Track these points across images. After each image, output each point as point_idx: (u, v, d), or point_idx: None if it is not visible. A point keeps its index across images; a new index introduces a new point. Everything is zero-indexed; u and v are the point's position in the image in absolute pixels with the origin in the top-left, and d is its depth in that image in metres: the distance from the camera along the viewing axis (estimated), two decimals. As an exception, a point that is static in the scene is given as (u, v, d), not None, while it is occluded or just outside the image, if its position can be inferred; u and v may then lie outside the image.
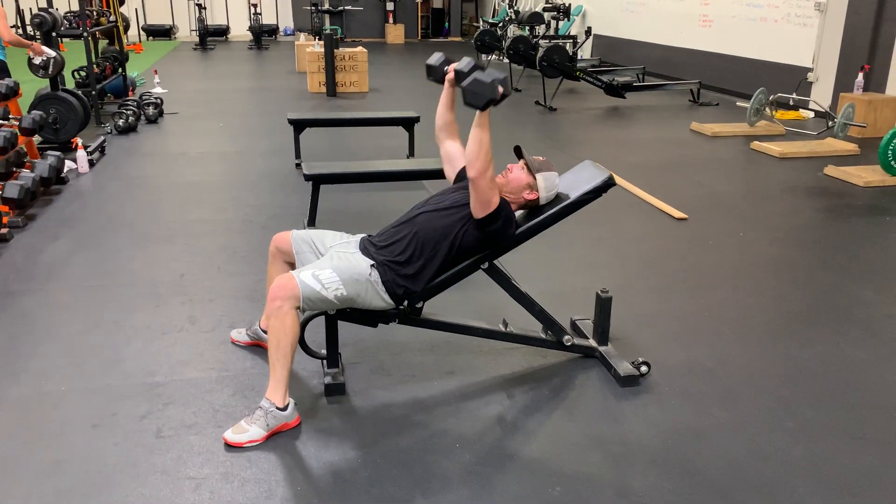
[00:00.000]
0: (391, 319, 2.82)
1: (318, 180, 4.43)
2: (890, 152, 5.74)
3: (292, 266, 2.97)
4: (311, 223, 4.54)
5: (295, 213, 4.95)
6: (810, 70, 8.65)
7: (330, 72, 9.87)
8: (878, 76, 7.75)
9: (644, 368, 2.92)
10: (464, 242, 2.72)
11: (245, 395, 2.81)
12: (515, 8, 14.50)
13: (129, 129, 7.39)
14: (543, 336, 3.05)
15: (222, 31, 17.81)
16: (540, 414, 2.72)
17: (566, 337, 3.02)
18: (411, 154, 6.41)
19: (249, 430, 2.51)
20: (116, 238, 4.46)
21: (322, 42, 10.29)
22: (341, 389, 2.82)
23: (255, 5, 16.67)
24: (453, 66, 2.89)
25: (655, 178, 5.87)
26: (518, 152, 2.93)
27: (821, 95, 8.43)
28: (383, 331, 3.10)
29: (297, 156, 6.27)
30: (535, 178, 2.81)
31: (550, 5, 14.11)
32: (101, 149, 6.44)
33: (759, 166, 6.44)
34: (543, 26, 13.50)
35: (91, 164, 6.03)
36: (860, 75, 7.75)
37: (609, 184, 2.83)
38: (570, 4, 13.65)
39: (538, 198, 2.83)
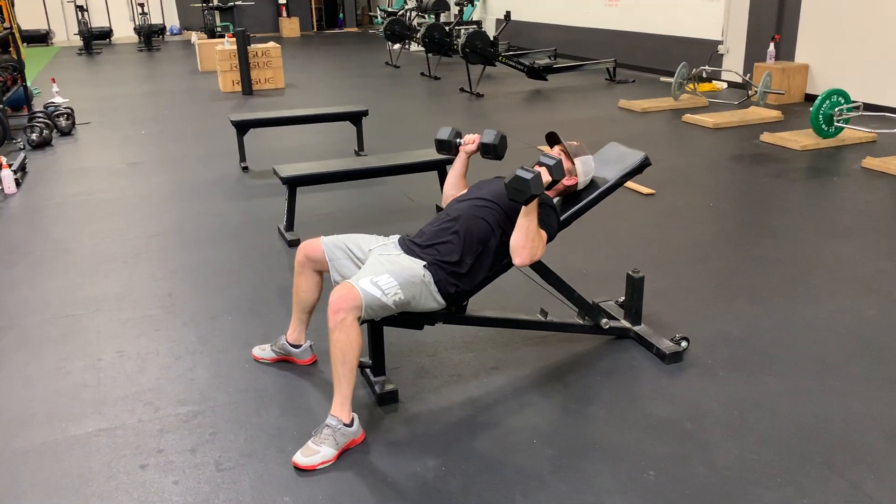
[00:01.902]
0: (437, 320, 2.74)
1: (295, 182, 4.25)
2: (821, 117, 6.07)
3: (321, 275, 2.84)
4: (290, 228, 4.35)
5: (264, 219, 4.74)
6: (720, 43, 9.02)
7: (245, 70, 9.50)
8: (787, 45, 8.17)
9: (684, 344, 2.97)
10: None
11: (294, 415, 2.67)
12: (416, -5, 14.41)
13: (44, 144, 6.87)
14: (581, 321, 3.05)
15: (105, 34, 16.83)
16: (601, 399, 2.71)
17: (604, 320, 3.03)
18: (360, 149, 6.28)
19: (321, 451, 2.37)
20: (78, 261, 4.13)
21: (233, 39, 9.88)
22: (394, 397, 2.72)
23: (141, 5, 15.85)
24: (474, 138, 2.92)
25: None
26: (555, 138, 2.89)
27: (732, 66, 8.81)
28: (411, 333, 3.03)
29: (243, 158, 6.01)
30: (573, 164, 2.79)
31: (452, -9, 14.12)
32: (23, 167, 5.96)
33: (697, 138, 6.67)
34: (449, 13, 13.52)
35: (17, 183, 5.56)
36: (771, 45, 8.14)
37: (646, 163, 2.85)
38: (472, -10, 13.68)
39: (577, 183, 2.81)
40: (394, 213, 4.85)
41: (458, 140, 3.00)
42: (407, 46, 13.65)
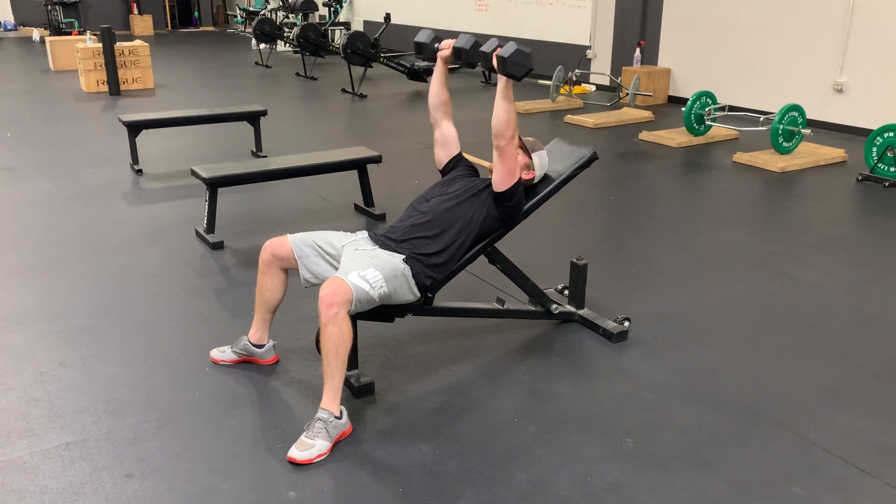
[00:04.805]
0: (409, 312, 2.82)
1: (217, 183, 4.15)
2: (693, 116, 6.63)
3: (287, 273, 2.84)
4: (211, 230, 4.25)
5: (176, 223, 4.58)
6: (588, 48, 9.57)
7: (112, 69, 9.01)
8: (651, 50, 8.81)
9: (627, 323, 3.21)
10: (485, 227, 2.80)
11: (273, 414, 2.66)
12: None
13: None
14: (533, 308, 3.23)
15: (-71, 29, 15.29)
16: (565, 379, 2.89)
17: (554, 306, 3.22)
18: (259, 150, 6.18)
19: (315, 444, 2.40)
20: (-20, 272, 3.84)
21: (95, 37, 9.35)
22: (371, 389, 2.77)
23: (-27, -2, 14.54)
24: (449, 42, 2.92)
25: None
26: (512, 135, 3.02)
27: (600, 70, 9.38)
28: (370, 328, 3.06)
29: (136, 161, 5.75)
30: (531, 158, 2.95)
31: (317, -8, 14.02)
32: None
33: (581, 137, 7.07)
34: (316, 13, 13.43)
35: None
36: (637, 50, 8.75)
37: (594, 157, 3.07)
38: (340, -9, 13.67)
39: (534, 176, 2.98)
40: (310, 213, 4.84)
41: (436, 45, 2.99)
42: (274, 46, 13.41)
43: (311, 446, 2.39)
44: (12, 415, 2.64)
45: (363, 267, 2.53)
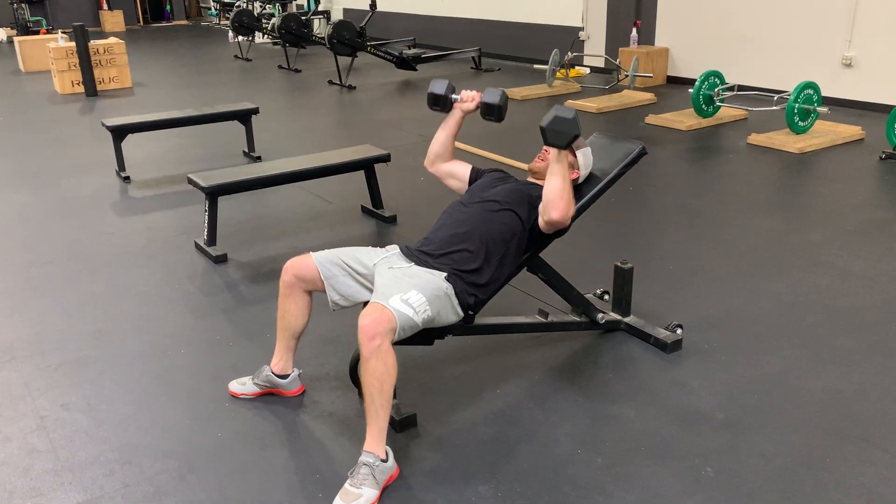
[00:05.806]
0: (449, 333, 2.55)
1: (218, 192, 3.84)
2: (701, 97, 6.38)
3: (311, 295, 2.55)
4: (212, 242, 3.94)
5: (172, 234, 4.27)
6: (581, 29, 9.28)
7: (87, 69, 8.60)
8: (647, 30, 8.54)
9: (679, 331, 2.96)
10: (531, 240, 2.54)
11: (308, 455, 2.38)
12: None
13: None
14: (578, 318, 2.96)
15: None
16: (622, 397, 2.63)
17: (600, 315, 2.96)
18: (251, 150, 5.85)
19: (363, 493, 2.12)
20: (-37, 300, 3.51)
21: (66, 35, 8.92)
22: (413, 421, 2.50)
23: (-65, -2, 13.97)
24: (471, 94, 2.69)
25: (506, 145, 5.93)
26: (553, 132, 2.75)
27: (593, 52, 9.10)
28: (396, 349, 2.80)
29: (122, 168, 5.41)
30: (575, 156, 2.68)
31: (294, -20, 13.61)
32: None
33: (585, 123, 6.76)
34: (293, 4, 13.03)
35: None
36: (634, 30, 8.48)
37: (643, 153, 2.80)
38: (317, -21, 13.26)
39: (578, 176, 2.71)
40: (315, 217, 4.54)
41: (454, 96, 2.76)
42: (253, 39, 13.00)
43: (357, 496, 2.12)
44: (13, 471, 2.34)
45: (404, 289, 2.25)
